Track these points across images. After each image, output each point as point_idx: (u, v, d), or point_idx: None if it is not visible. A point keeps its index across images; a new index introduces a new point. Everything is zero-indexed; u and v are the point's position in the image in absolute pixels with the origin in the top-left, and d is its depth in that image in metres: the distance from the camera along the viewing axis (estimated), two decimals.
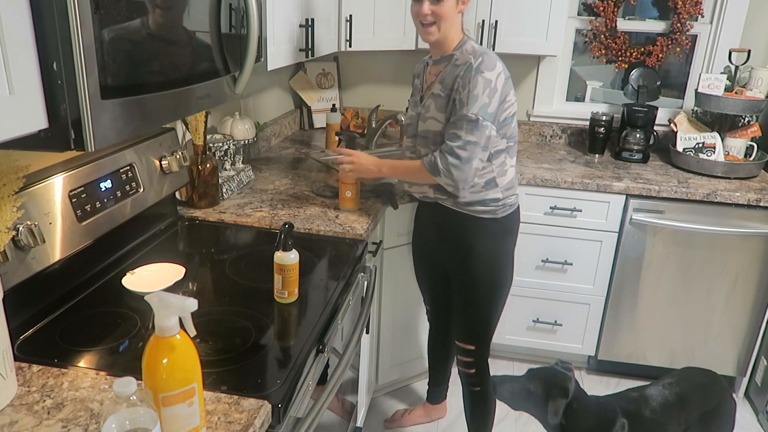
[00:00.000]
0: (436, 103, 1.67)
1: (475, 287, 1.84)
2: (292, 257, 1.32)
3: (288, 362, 1.13)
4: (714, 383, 1.85)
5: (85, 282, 1.37)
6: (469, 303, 1.88)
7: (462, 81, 1.60)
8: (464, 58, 1.63)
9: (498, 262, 1.84)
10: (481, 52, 1.63)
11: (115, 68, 0.88)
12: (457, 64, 1.64)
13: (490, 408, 2.04)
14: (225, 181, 1.96)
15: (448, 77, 1.65)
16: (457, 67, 1.63)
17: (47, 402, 0.97)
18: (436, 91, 1.68)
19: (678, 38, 2.72)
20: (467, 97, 1.58)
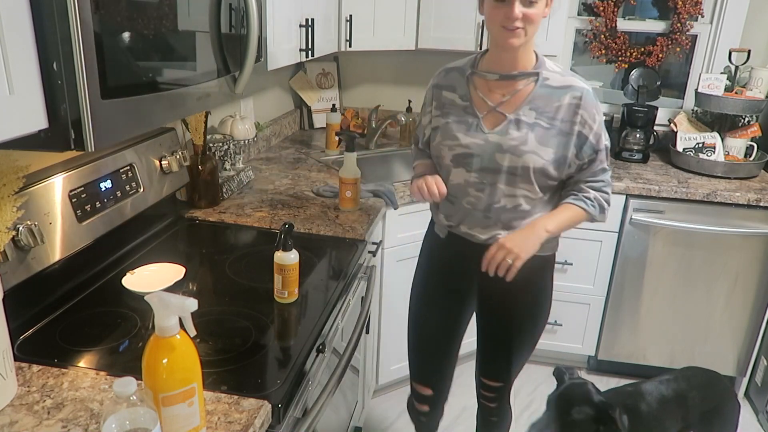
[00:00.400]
0: (536, 135, 1.38)
1: (532, 330, 1.66)
2: (292, 257, 1.32)
3: (288, 362, 1.13)
4: (716, 383, 1.85)
5: (85, 282, 1.37)
6: (517, 345, 1.67)
7: (587, 112, 1.39)
8: (564, 80, 1.40)
9: (551, 301, 1.68)
10: (568, 72, 1.46)
11: (115, 68, 0.88)
12: (553, 86, 1.39)
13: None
14: (225, 181, 1.96)
15: (546, 104, 1.39)
16: (559, 92, 1.39)
17: (47, 402, 0.97)
18: (527, 119, 1.38)
19: (678, 38, 2.72)
20: (600, 128, 1.42)
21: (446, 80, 1.51)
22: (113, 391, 0.76)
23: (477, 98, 1.44)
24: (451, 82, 1.50)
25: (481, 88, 1.45)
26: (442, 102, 1.50)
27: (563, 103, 1.38)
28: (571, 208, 1.47)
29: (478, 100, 1.44)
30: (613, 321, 2.58)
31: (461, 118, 1.45)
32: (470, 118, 1.44)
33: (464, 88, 1.47)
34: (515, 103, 1.40)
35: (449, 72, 1.52)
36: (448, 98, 1.49)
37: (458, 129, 1.45)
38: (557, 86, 1.40)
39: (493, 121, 1.42)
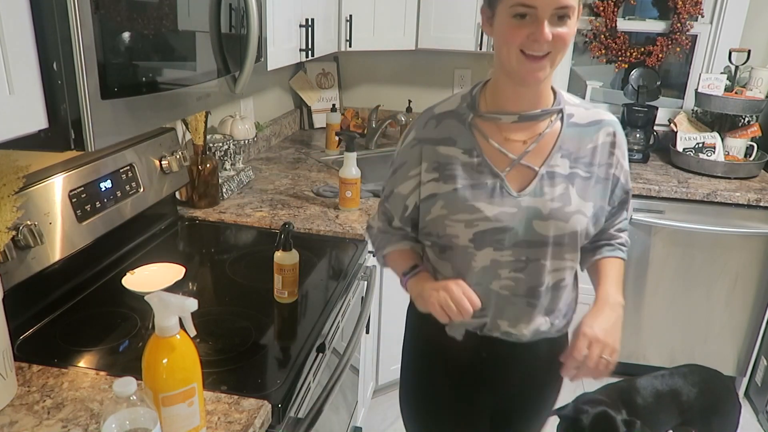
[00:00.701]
0: (577, 189, 1.08)
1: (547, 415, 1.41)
2: (292, 257, 1.32)
3: (288, 362, 1.13)
4: (715, 381, 1.86)
5: (85, 282, 1.37)
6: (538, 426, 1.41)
7: (621, 150, 1.13)
8: (590, 115, 1.12)
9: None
10: (587, 102, 1.21)
11: (115, 68, 0.88)
12: (581, 123, 1.11)
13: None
14: (225, 181, 1.96)
15: (579, 147, 1.09)
16: (590, 129, 1.11)
17: (47, 402, 0.97)
18: (562, 170, 1.08)
19: (678, 38, 2.72)
20: (627, 163, 1.17)
21: (438, 131, 1.12)
22: (113, 391, 0.76)
23: (491, 150, 1.09)
24: (446, 133, 1.12)
25: (494, 136, 1.10)
26: (438, 162, 1.11)
27: (598, 144, 1.10)
28: (615, 263, 1.19)
29: (493, 152, 1.09)
30: None
31: (476, 181, 1.09)
32: (488, 178, 1.08)
33: (469, 139, 1.10)
34: (543, 151, 1.09)
35: (440, 120, 1.13)
36: (448, 155, 1.10)
37: (476, 196, 1.08)
38: (586, 123, 1.11)
39: (520, 179, 1.09)
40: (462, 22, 2.50)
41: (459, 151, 1.10)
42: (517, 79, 1.03)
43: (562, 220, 1.07)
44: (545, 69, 1.01)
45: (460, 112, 1.12)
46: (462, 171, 1.10)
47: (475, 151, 1.09)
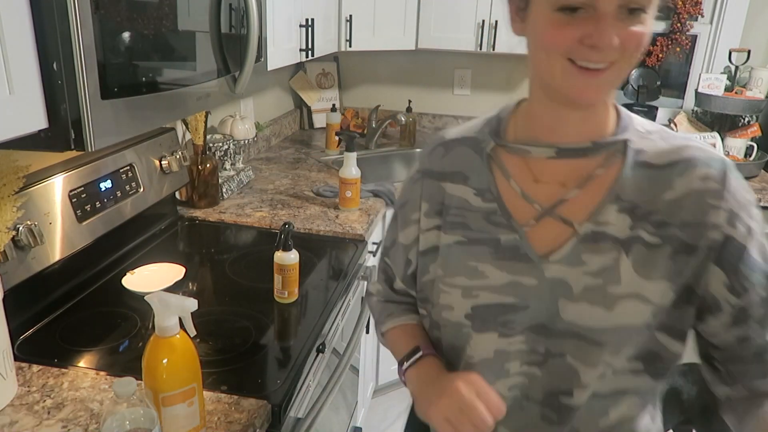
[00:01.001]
0: (634, 261, 0.73)
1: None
2: (292, 257, 1.32)
3: (288, 362, 1.13)
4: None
5: (85, 282, 1.37)
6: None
7: (736, 201, 0.72)
8: (673, 148, 0.75)
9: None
10: (672, 132, 0.81)
11: (115, 68, 0.88)
12: (656, 163, 0.75)
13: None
14: (225, 181, 1.96)
15: (649, 197, 0.74)
16: (670, 172, 0.74)
17: (47, 402, 0.97)
18: (617, 231, 0.74)
19: (678, 38, 2.72)
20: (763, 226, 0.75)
21: (447, 163, 0.85)
22: (113, 391, 0.76)
23: (511, 194, 0.79)
24: (455, 165, 0.84)
25: (519, 175, 0.79)
26: (442, 203, 0.84)
27: (684, 193, 0.72)
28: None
29: (513, 197, 0.79)
30: None
31: (485, 234, 0.80)
32: (503, 232, 0.79)
33: (484, 176, 0.81)
34: (589, 200, 0.76)
35: (451, 147, 0.86)
36: (456, 196, 0.83)
37: (481, 254, 0.79)
38: (663, 163, 0.74)
39: (549, 239, 0.77)
40: (462, 22, 2.50)
41: (470, 191, 0.81)
42: (562, 98, 0.72)
43: (600, 305, 0.73)
44: (605, 86, 0.69)
45: (479, 139, 0.83)
46: (470, 218, 0.81)
47: (490, 192, 0.80)
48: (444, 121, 3.07)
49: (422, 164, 0.88)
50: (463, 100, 3.03)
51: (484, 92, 3.00)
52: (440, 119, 3.07)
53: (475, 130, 0.86)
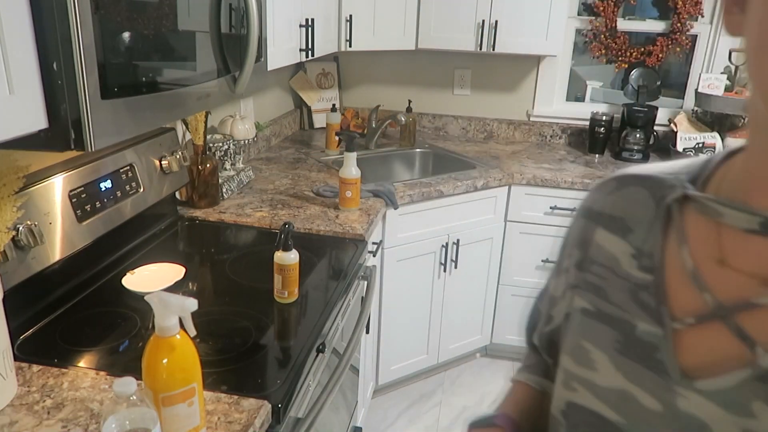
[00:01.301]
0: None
1: None
2: (292, 257, 1.32)
3: (288, 362, 1.13)
4: None
5: (85, 282, 1.37)
6: None
7: None
8: None
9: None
10: None
11: (115, 68, 0.88)
12: None
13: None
14: (225, 181, 1.96)
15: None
16: None
17: (47, 402, 0.97)
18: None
19: (678, 38, 2.72)
20: None
21: (611, 202, 0.62)
22: (113, 391, 0.76)
23: (678, 269, 0.54)
24: (621, 208, 0.60)
25: (699, 246, 0.53)
26: (589, 256, 0.62)
27: None
28: None
29: (679, 274, 0.53)
30: None
31: (620, 312, 0.56)
32: (643, 318, 0.54)
33: (653, 234, 0.57)
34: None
35: (624, 184, 0.62)
36: (605, 249, 0.60)
37: (601, 337, 0.57)
38: None
39: (706, 352, 0.50)
40: (462, 22, 2.50)
41: (626, 249, 0.58)
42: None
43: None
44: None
45: (665, 182, 0.57)
46: (611, 284, 0.58)
47: (651, 259, 0.55)
48: (444, 121, 3.07)
49: (587, 199, 0.66)
50: (463, 100, 3.03)
51: (484, 92, 3.00)
52: (440, 119, 3.07)
53: (671, 170, 0.59)
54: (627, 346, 0.54)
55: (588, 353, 0.57)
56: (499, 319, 2.69)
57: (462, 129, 3.06)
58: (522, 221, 2.50)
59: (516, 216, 2.49)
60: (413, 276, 2.30)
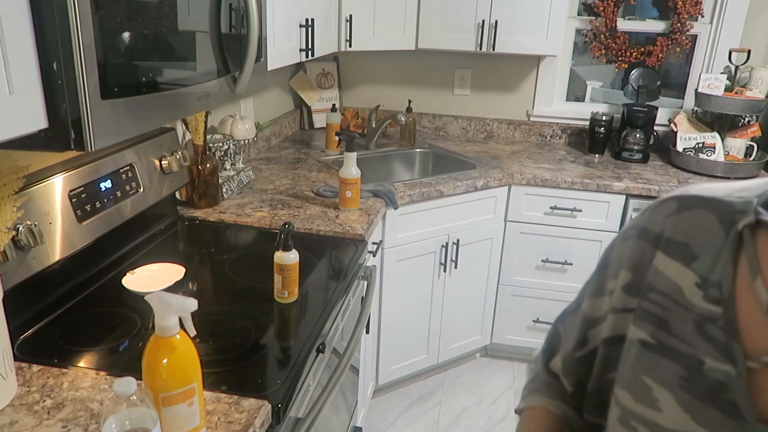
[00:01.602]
0: None
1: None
2: (292, 257, 1.32)
3: (288, 362, 1.13)
4: None
5: (85, 282, 1.37)
6: None
7: None
8: None
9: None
10: None
11: (115, 68, 0.88)
12: None
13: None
14: (225, 181, 1.96)
15: None
16: None
17: (47, 402, 0.97)
18: None
19: (678, 38, 2.72)
20: None
21: (673, 225, 0.57)
22: (113, 391, 0.76)
23: (750, 302, 0.50)
24: (684, 233, 0.56)
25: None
26: (647, 281, 0.58)
27: None
28: None
29: (752, 308, 0.50)
30: None
31: (685, 346, 0.53)
32: (714, 356, 0.51)
33: (721, 262, 0.53)
34: None
35: (687, 206, 0.57)
36: (665, 276, 0.56)
37: (665, 373, 0.54)
38: None
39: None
40: (462, 22, 2.50)
41: (690, 277, 0.54)
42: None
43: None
44: None
45: (735, 207, 0.53)
46: (674, 315, 0.55)
47: (720, 289, 0.52)
48: (444, 121, 3.07)
49: (641, 218, 0.61)
50: (463, 100, 3.03)
51: (484, 92, 3.00)
52: (440, 119, 3.07)
53: (739, 192, 0.55)
54: (693, 384, 0.51)
55: (650, 390, 0.54)
56: (499, 319, 2.69)
57: (462, 129, 3.06)
58: (522, 221, 2.50)
59: (516, 216, 2.49)
60: (413, 276, 2.30)
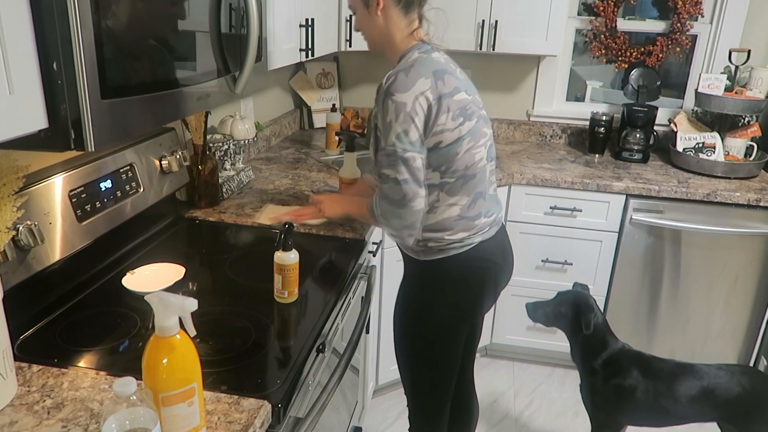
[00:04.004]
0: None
1: (399, 337, 1.62)
2: (292, 257, 1.32)
3: (288, 362, 1.13)
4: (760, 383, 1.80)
5: (85, 282, 1.37)
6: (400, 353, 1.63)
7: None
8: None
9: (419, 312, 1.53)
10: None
11: (115, 68, 0.88)
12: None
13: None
14: (225, 181, 1.96)
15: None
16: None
17: (47, 402, 0.97)
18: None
19: (678, 38, 2.72)
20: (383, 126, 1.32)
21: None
22: (113, 391, 0.76)
23: None
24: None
25: None
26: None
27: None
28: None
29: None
30: (612, 321, 2.58)
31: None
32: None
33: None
34: None
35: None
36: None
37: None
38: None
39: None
40: (462, 22, 2.50)
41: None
42: None
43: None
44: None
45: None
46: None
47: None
48: None
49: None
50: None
51: (484, 92, 3.00)
52: None
53: None
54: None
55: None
56: (499, 319, 2.69)
57: None
58: (522, 221, 2.50)
59: (516, 216, 2.49)
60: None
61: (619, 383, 1.82)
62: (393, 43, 1.40)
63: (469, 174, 1.40)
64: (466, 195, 1.42)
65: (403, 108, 1.27)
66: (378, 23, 1.39)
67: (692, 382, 1.79)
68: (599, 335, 1.87)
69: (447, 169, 1.37)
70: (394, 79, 1.29)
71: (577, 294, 1.92)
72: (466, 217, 1.43)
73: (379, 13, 1.37)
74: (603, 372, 1.86)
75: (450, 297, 1.49)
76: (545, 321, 1.96)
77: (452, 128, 1.33)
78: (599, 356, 1.86)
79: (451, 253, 1.45)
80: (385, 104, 1.28)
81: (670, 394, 1.79)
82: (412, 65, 1.32)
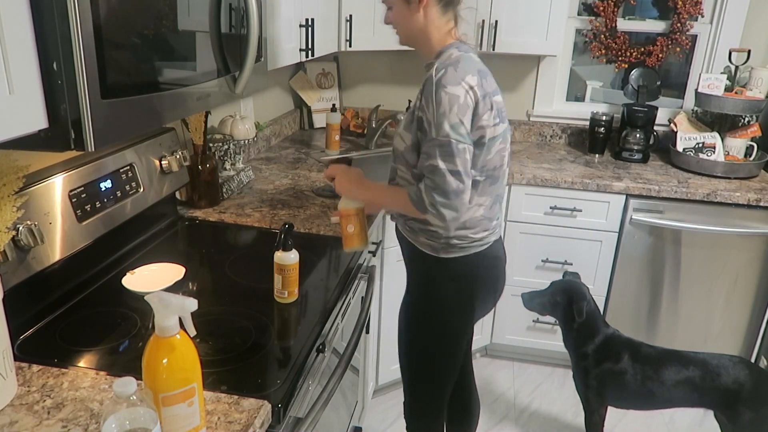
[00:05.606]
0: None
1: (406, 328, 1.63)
2: (292, 257, 1.32)
3: (288, 362, 1.13)
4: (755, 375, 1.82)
5: (85, 282, 1.37)
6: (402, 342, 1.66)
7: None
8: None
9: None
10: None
11: (115, 68, 0.88)
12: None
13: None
14: (225, 181, 1.96)
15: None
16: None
17: (47, 402, 0.97)
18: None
19: (678, 38, 2.72)
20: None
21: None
22: (113, 391, 0.76)
23: None
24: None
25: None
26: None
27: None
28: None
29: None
30: (612, 321, 2.58)
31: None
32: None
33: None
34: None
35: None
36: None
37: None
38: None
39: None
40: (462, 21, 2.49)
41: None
42: None
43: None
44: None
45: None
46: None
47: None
48: None
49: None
50: None
51: None
52: None
53: None
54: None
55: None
56: (499, 319, 2.69)
57: None
58: (522, 221, 2.50)
59: (516, 216, 2.49)
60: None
61: (610, 367, 1.89)
62: (429, 40, 1.42)
63: (496, 175, 1.43)
64: (490, 196, 1.45)
65: (456, 100, 1.28)
66: (417, 19, 1.39)
67: (678, 367, 1.85)
68: (591, 322, 1.92)
69: (481, 167, 1.39)
70: (444, 72, 1.30)
71: (570, 282, 1.96)
72: (487, 217, 1.46)
73: (420, 9, 1.38)
74: (594, 356, 1.92)
75: (466, 294, 1.51)
76: (540, 310, 2.03)
77: (492, 126, 1.35)
78: (592, 341, 1.92)
79: (471, 252, 1.47)
80: (438, 95, 1.28)
81: (657, 377, 1.85)
82: (458, 60, 1.33)
